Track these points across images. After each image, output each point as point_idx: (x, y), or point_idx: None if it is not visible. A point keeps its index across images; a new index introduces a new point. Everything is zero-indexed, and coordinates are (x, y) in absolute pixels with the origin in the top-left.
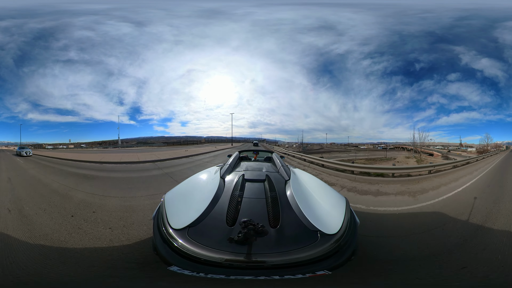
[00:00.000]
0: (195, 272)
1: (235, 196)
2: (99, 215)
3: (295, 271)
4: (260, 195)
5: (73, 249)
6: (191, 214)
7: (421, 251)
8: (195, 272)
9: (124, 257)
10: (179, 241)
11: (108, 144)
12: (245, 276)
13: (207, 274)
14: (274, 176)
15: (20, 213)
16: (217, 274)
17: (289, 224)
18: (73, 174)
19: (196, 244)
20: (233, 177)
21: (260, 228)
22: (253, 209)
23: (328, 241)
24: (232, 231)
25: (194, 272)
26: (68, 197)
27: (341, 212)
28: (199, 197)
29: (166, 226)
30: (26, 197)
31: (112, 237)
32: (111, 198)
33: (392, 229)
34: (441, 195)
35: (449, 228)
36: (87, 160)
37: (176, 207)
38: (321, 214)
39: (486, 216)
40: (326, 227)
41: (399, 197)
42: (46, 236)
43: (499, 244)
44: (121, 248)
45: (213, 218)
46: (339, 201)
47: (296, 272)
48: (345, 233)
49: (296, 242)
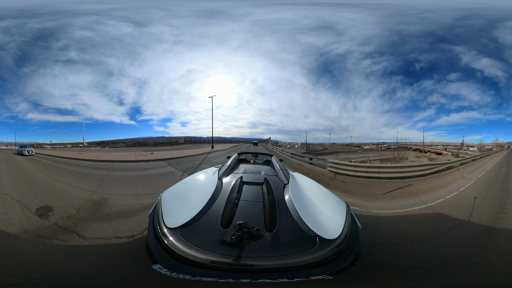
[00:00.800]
0: (175, 272)
1: (232, 198)
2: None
3: (285, 275)
4: (258, 198)
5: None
6: (186, 214)
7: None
8: (175, 273)
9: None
10: (170, 240)
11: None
12: (231, 279)
13: (180, 274)
14: (273, 179)
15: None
16: (198, 276)
17: (286, 229)
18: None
19: (186, 244)
20: (231, 179)
21: (254, 231)
22: (249, 212)
23: (327, 246)
24: (226, 233)
25: (174, 273)
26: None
27: (341, 217)
28: (196, 197)
29: (160, 224)
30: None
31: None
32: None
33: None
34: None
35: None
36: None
37: (172, 206)
38: (321, 219)
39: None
40: (326, 232)
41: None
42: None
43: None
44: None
45: (208, 219)
46: (340, 206)
47: (285, 277)
48: (346, 238)
49: (292, 247)
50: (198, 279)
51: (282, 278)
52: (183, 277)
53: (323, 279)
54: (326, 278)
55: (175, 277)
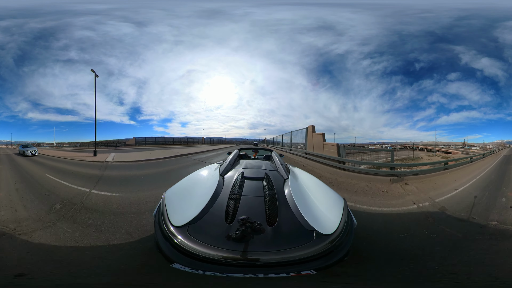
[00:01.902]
0: (194, 269)
1: (234, 193)
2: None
3: (288, 269)
4: (259, 193)
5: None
6: (191, 211)
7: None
8: (195, 269)
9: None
10: (179, 238)
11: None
12: (240, 274)
13: (205, 271)
14: (273, 174)
15: None
16: (214, 271)
17: (286, 223)
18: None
19: (195, 241)
20: (232, 174)
21: (257, 226)
22: (251, 207)
23: (323, 241)
24: (230, 228)
25: (194, 269)
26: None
27: (338, 213)
28: (199, 194)
29: (167, 223)
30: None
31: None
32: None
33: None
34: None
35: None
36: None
37: (177, 205)
38: (318, 214)
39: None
40: (322, 227)
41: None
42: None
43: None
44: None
45: (212, 215)
46: (337, 202)
47: (287, 271)
48: (341, 234)
49: (292, 241)
50: (225, 275)
51: (282, 272)
52: (212, 274)
53: (309, 274)
54: (311, 273)
55: (201, 274)
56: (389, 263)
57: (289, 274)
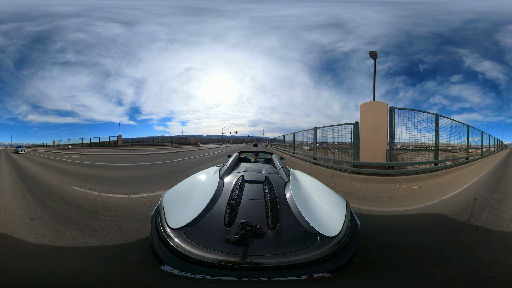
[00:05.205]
0: (185, 272)
1: (234, 197)
2: None
3: (291, 273)
4: (259, 197)
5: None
6: (189, 214)
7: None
8: (187, 272)
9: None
10: (175, 240)
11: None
12: (238, 278)
13: (195, 274)
14: (274, 177)
15: None
16: (208, 275)
17: (287, 226)
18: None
19: (191, 243)
20: (232, 178)
21: (258, 229)
22: (251, 211)
23: (327, 243)
24: (229, 232)
25: (184, 272)
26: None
27: (341, 215)
28: (198, 197)
29: (163, 225)
30: None
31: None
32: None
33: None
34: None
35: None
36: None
37: (175, 207)
38: (321, 217)
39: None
40: (326, 229)
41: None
42: None
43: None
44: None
45: (211, 219)
46: (340, 204)
47: (292, 274)
48: (346, 235)
49: (294, 244)
50: (218, 278)
51: (285, 276)
52: (202, 277)
53: (323, 276)
54: (326, 275)
55: (189, 277)
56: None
57: (301, 277)
